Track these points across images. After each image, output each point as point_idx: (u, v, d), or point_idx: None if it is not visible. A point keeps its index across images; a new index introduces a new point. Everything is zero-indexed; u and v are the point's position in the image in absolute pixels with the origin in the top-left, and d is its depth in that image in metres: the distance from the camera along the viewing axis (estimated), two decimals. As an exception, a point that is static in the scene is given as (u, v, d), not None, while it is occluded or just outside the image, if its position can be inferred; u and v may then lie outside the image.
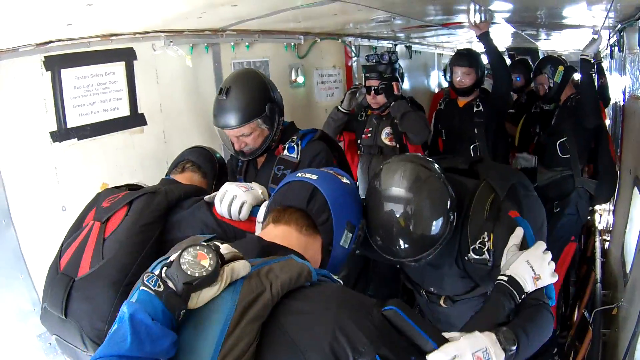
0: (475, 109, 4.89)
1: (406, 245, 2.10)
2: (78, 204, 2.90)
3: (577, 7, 4.31)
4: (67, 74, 3.07)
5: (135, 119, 3.59)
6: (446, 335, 1.58)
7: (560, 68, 4.93)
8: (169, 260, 1.39)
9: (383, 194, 2.11)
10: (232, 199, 2.26)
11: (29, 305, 2.86)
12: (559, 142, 4.78)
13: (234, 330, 1.31)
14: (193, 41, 3.92)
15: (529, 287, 1.93)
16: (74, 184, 3.16)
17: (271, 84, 2.99)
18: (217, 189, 2.55)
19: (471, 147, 4.88)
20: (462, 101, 5.04)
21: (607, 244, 5.25)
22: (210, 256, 1.36)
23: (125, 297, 2.01)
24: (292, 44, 5.15)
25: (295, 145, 2.97)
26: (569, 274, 5.02)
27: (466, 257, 2.26)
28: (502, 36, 6.78)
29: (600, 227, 5.70)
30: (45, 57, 2.94)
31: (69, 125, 3.11)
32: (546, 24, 5.63)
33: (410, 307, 1.49)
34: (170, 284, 1.32)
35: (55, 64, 2.99)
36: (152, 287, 1.30)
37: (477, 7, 4.25)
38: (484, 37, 4.69)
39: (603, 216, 5.77)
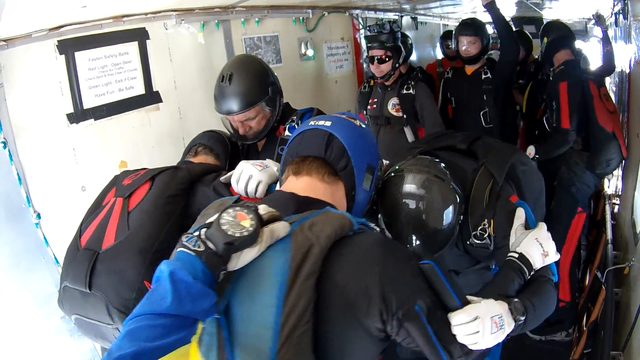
0: (483, 76, 4.79)
1: (417, 243, 2.08)
2: (98, 183, 2.87)
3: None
4: (81, 56, 3.04)
5: (150, 97, 3.55)
6: (468, 297, 1.56)
7: (545, 40, 4.83)
8: (208, 222, 1.33)
9: (396, 196, 2.09)
10: (248, 178, 2.19)
11: (52, 288, 2.83)
12: (544, 116, 4.70)
13: (291, 290, 1.28)
14: (204, 19, 3.87)
15: (538, 264, 1.92)
16: (93, 164, 3.14)
17: (269, 67, 2.94)
18: (231, 169, 2.50)
19: (481, 113, 4.77)
20: (469, 69, 4.93)
21: (616, 207, 5.17)
22: (250, 217, 1.30)
23: (153, 265, 1.92)
24: (301, 18, 5.07)
25: (295, 125, 2.89)
26: (580, 240, 4.93)
27: (467, 242, 2.24)
28: (507, 5, 6.62)
29: (609, 192, 5.60)
30: (58, 41, 2.90)
31: (85, 106, 3.09)
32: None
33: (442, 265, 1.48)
34: (210, 244, 1.26)
35: (68, 47, 2.96)
36: (192, 248, 1.24)
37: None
38: (491, 6, 4.56)
39: (612, 181, 5.65)
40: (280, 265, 1.31)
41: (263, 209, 1.38)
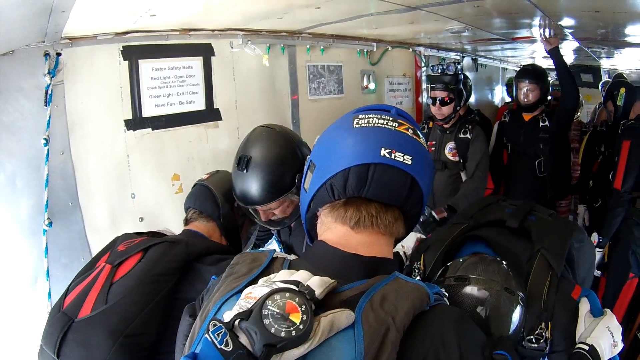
0: (540, 124, 4.42)
1: None
2: (148, 193, 2.69)
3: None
4: (144, 64, 2.88)
5: (210, 114, 3.35)
6: None
7: (622, 90, 4.32)
8: (247, 309, 0.93)
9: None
10: None
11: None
12: (611, 172, 4.11)
13: None
14: (270, 41, 3.68)
15: (606, 356, 1.64)
16: (146, 173, 2.96)
17: (299, 142, 2.21)
18: (226, 225, 2.22)
19: (536, 162, 4.41)
20: (527, 115, 4.55)
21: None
22: (303, 309, 0.91)
23: (123, 348, 1.70)
24: (365, 50, 4.82)
25: None
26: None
27: (520, 344, 1.84)
28: (565, 52, 6.21)
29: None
30: (123, 46, 2.77)
31: (144, 114, 2.93)
32: (613, 42, 5.05)
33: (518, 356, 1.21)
34: (243, 340, 0.89)
35: (133, 54, 2.81)
36: (218, 345, 0.88)
37: (548, 21, 3.78)
38: (554, 52, 4.22)
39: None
40: (351, 358, 0.93)
41: (319, 284, 0.99)
